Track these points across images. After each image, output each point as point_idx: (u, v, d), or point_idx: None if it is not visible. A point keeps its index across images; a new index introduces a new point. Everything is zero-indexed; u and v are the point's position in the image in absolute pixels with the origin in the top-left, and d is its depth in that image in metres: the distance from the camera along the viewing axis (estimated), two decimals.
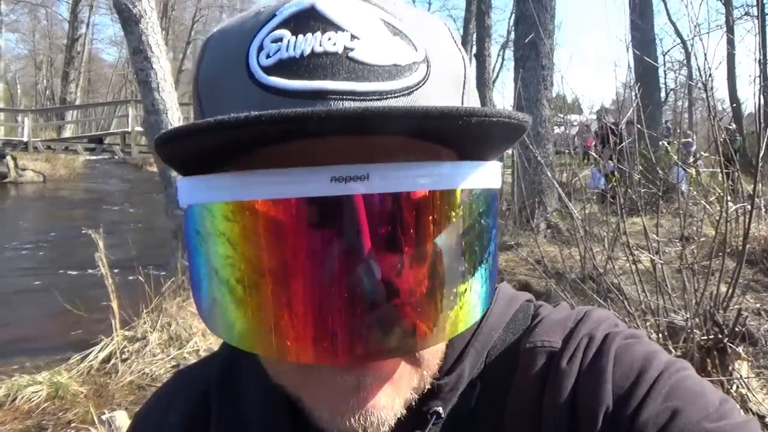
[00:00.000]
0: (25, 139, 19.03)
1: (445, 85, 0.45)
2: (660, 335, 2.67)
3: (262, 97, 0.40)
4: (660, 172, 3.40)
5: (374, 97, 0.40)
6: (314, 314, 0.39)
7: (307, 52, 0.40)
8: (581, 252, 4.56)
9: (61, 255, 8.58)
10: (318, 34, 0.40)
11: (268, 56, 0.41)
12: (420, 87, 0.42)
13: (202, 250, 0.43)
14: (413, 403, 0.50)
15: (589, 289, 3.89)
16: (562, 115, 7.50)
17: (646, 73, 8.52)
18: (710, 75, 2.52)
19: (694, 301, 2.77)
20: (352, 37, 0.40)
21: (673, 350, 2.68)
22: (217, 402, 0.58)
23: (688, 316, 2.70)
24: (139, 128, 19.58)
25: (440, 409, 0.51)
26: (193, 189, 0.42)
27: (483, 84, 12.60)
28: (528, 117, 0.42)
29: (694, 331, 2.65)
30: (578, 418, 0.48)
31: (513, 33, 8.82)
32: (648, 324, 2.87)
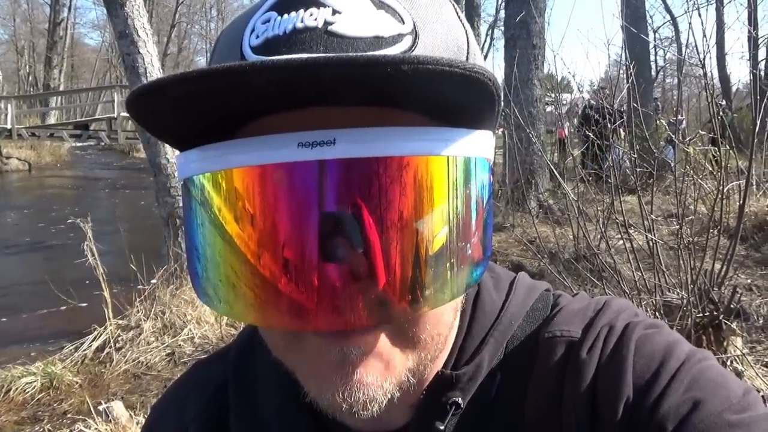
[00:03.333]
0: (8, 126, 18.74)
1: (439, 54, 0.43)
2: (657, 313, 2.68)
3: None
4: (654, 150, 3.39)
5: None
6: (285, 279, 0.39)
7: (289, 29, 0.41)
8: (574, 231, 4.57)
9: (50, 244, 8.49)
10: (301, 11, 0.41)
11: (257, 37, 0.42)
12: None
13: (188, 223, 0.44)
14: (433, 393, 0.50)
15: (583, 269, 3.91)
16: (553, 95, 7.48)
17: (636, 51, 8.49)
18: (707, 51, 2.51)
19: (689, 279, 2.78)
20: (334, 11, 0.41)
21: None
22: (234, 396, 0.58)
23: (684, 294, 2.72)
24: (124, 114, 19.35)
25: (459, 399, 0.50)
26: (179, 164, 0.45)
27: None
28: (484, 69, 0.38)
29: (691, 308, 2.66)
30: (598, 408, 0.47)
31: (502, 12, 8.75)
32: (644, 303, 2.88)
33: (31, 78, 36.85)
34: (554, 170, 4.09)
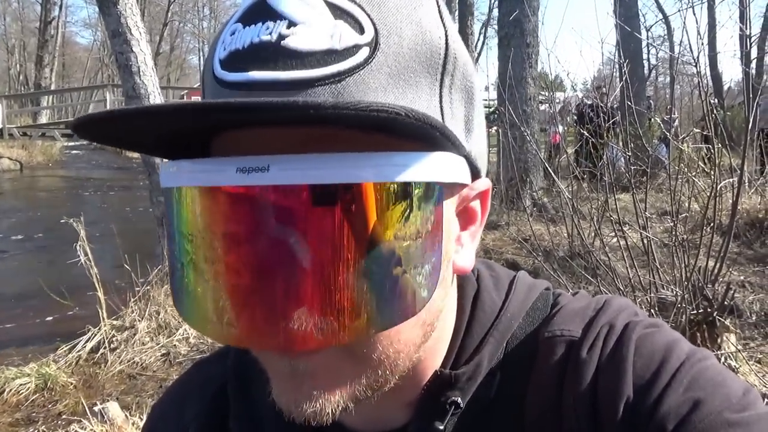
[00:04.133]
0: None
1: (402, 68, 0.41)
2: (651, 311, 2.70)
3: (215, 88, 0.42)
4: (648, 148, 3.41)
5: (297, 87, 0.39)
6: (218, 298, 0.41)
7: (247, 43, 0.40)
8: (568, 229, 4.59)
9: (43, 245, 8.43)
10: (260, 24, 0.41)
11: (224, 49, 0.42)
12: (356, 72, 0.39)
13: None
14: (432, 393, 0.50)
15: (578, 267, 3.92)
16: (546, 94, 7.50)
17: (630, 49, 8.52)
18: (700, 50, 2.52)
19: (684, 276, 2.80)
20: (290, 24, 0.40)
21: None
22: (233, 396, 0.58)
23: (678, 291, 2.73)
24: None
25: (458, 399, 0.50)
26: (161, 174, 0.46)
27: None
28: (403, 110, 0.36)
29: (685, 305, 2.68)
30: (598, 408, 0.47)
31: (496, 11, 8.76)
32: (638, 300, 2.90)
33: (21, 77, 36.57)
34: (548, 168, 4.11)
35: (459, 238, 0.48)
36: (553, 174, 3.60)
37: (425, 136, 0.39)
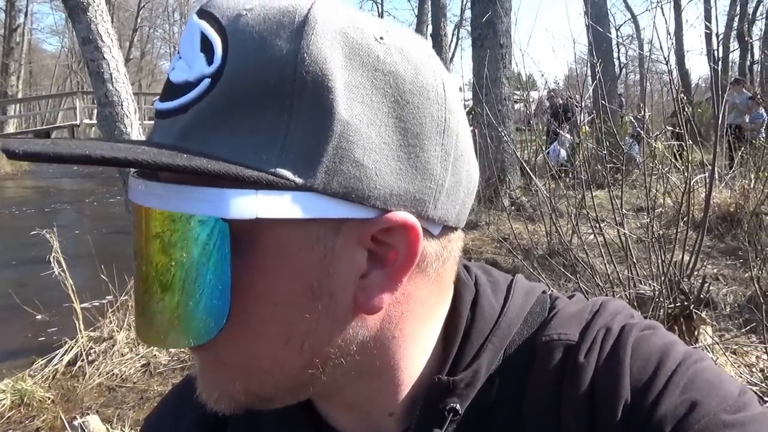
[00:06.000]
0: None
1: (240, 98, 0.41)
2: (631, 306, 2.75)
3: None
4: (622, 145, 3.46)
5: (167, 117, 0.44)
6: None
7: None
8: (547, 227, 4.64)
9: (15, 257, 8.23)
10: (174, 59, 0.46)
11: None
12: (197, 104, 0.42)
13: None
14: (430, 400, 0.50)
15: (557, 264, 3.97)
16: (520, 93, 7.58)
17: (600, 48, 8.66)
18: (670, 49, 2.57)
19: (660, 271, 2.86)
20: (180, 58, 0.44)
21: None
22: None
23: (656, 285, 2.79)
24: (87, 120, 18.89)
25: (457, 406, 0.50)
26: None
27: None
28: (198, 166, 0.40)
29: (663, 300, 2.73)
30: (597, 411, 0.48)
31: (468, 12, 8.82)
32: (617, 296, 2.95)
33: None
34: (525, 167, 4.15)
35: (365, 275, 0.45)
36: (529, 172, 3.64)
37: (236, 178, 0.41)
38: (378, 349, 0.49)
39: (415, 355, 0.51)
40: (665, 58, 2.58)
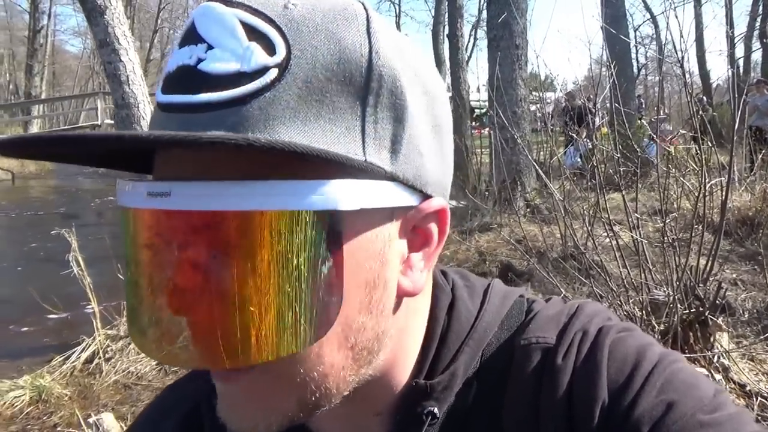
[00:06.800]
0: None
1: (315, 89, 0.41)
2: (643, 311, 2.71)
3: (155, 109, 0.44)
4: (637, 149, 3.42)
5: (205, 110, 0.40)
6: (135, 313, 0.44)
7: (174, 67, 0.42)
8: (561, 230, 4.61)
9: (36, 256, 8.38)
10: (186, 48, 0.42)
11: (165, 72, 0.44)
12: (263, 95, 0.39)
13: None
14: (407, 404, 0.51)
15: (571, 268, 3.93)
16: (536, 94, 7.52)
17: (619, 49, 8.56)
18: (686, 51, 2.54)
19: (675, 276, 2.82)
20: (208, 47, 0.41)
21: (656, 325, 2.73)
22: (208, 415, 0.57)
23: (669, 291, 2.75)
24: (108, 121, 19.17)
25: (435, 409, 0.50)
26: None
27: (456, 65, 12.55)
28: (313, 150, 0.38)
29: (677, 305, 2.69)
30: (575, 413, 0.48)
31: (485, 12, 8.78)
32: (631, 301, 2.91)
33: (12, 86, 36.41)
34: (539, 170, 4.12)
35: (407, 260, 0.47)
36: (543, 176, 3.61)
37: (329, 163, 0.40)
38: (394, 340, 0.49)
39: (409, 350, 0.52)
40: (680, 61, 2.55)
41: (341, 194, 0.40)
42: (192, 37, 0.42)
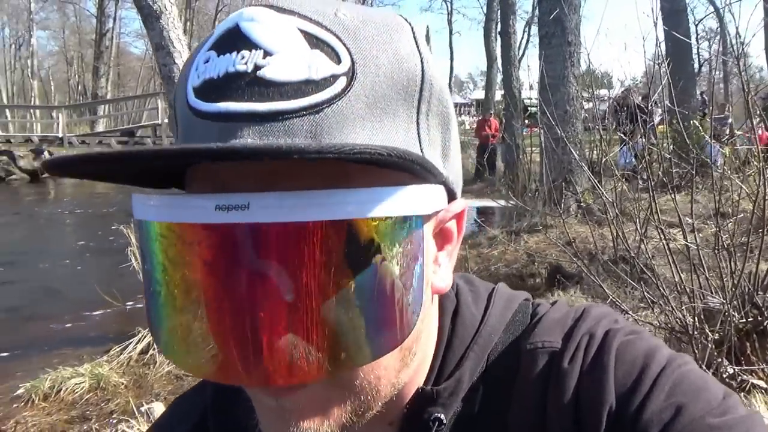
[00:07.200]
0: (60, 134, 19.62)
1: (380, 97, 0.41)
2: (695, 318, 2.60)
3: (188, 117, 0.42)
4: (693, 149, 3.28)
5: (276, 119, 0.38)
6: (201, 334, 0.41)
7: (222, 73, 0.40)
8: (613, 233, 4.47)
9: (98, 248, 8.80)
10: (234, 53, 0.40)
11: (198, 77, 0.42)
12: (335, 103, 0.39)
13: (143, 264, 0.45)
14: (414, 411, 0.51)
15: (621, 271, 3.81)
16: (589, 92, 7.31)
17: (677, 44, 8.21)
18: (744, 48, 2.41)
19: (731, 283, 2.69)
20: (266, 54, 0.39)
21: (710, 334, 2.61)
22: (214, 423, 0.58)
23: (722, 298, 2.62)
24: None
25: (441, 415, 0.50)
26: (134, 204, 0.45)
27: (508, 62, 12.36)
28: (398, 151, 0.38)
29: (732, 313, 2.57)
30: (582, 418, 0.48)
31: (537, 9, 8.60)
32: (684, 307, 2.80)
33: (80, 87, 38.34)
34: (587, 170, 4.01)
35: (436, 258, 0.48)
36: (593, 178, 3.51)
37: (406, 169, 0.40)
38: (420, 342, 0.50)
39: (427, 354, 0.52)
40: (736, 59, 2.42)
41: (418, 199, 0.42)
42: (239, 41, 0.40)
